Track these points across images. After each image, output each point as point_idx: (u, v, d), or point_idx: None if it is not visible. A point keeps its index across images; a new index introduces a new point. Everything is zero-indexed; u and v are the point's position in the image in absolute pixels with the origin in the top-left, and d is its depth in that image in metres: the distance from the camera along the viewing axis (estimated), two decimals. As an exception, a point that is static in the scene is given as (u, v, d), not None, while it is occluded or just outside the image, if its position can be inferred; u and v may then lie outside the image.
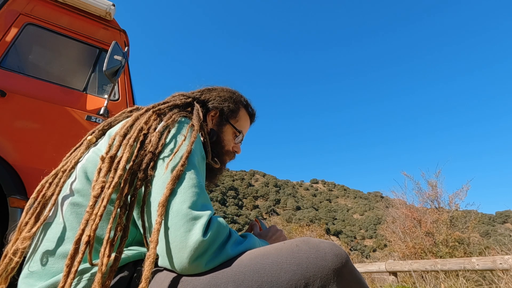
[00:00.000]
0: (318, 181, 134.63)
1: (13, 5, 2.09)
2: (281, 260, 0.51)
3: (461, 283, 4.19)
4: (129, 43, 2.56)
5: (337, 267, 0.50)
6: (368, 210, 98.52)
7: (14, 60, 2.06)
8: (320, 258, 0.50)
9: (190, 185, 0.58)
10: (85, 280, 0.56)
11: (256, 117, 1.11)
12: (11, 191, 1.64)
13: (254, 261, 0.52)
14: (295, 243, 0.55)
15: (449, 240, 6.66)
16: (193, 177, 0.60)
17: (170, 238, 0.53)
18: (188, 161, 0.62)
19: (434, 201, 7.98)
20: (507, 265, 3.23)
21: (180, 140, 0.67)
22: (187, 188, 0.57)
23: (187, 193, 0.57)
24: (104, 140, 0.74)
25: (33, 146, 1.81)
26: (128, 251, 0.64)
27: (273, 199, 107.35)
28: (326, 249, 0.52)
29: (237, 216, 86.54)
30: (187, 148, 0.64)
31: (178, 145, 0.65)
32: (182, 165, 0.60)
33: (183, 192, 0.57)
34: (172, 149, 0.65)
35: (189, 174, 0.60)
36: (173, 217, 0.54)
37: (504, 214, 77.07)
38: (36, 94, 1.92)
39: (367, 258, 16.41)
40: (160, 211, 0.54)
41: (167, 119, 0.72)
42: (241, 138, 1.02)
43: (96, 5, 2.36)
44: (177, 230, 0.52)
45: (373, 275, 6.52)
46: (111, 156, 0.62)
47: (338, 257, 0.51)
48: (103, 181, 0.58)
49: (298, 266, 0.49)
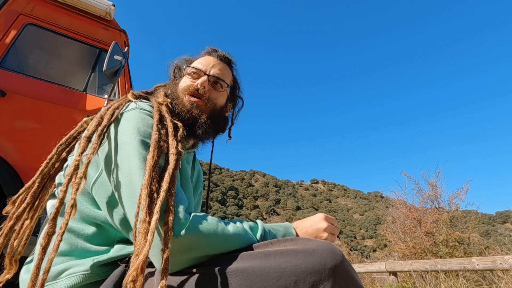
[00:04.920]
0: (318, 181, 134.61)
1: (13, 5, 2.09)
2: (270, 260, 0.51)
3: (461, 283, 4.18)
4: (129, 43, 2.56)
5: (329, 264, 0.50)
6: (368, 210, 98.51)
7: (14, 60, 2.06)
8: (309, 255, 0.51)
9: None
10: (75, 276, 0.58)
11: (215, 50, 0.94)
12: (11, 191, 1.64)
13: (242, 262, 0.53)
14: (284, 244, 0.55)
15: (449, 240, 6.65)
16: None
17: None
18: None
19: (434, 201, 7.97)
20: (507, 265, 3.23)
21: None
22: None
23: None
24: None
25: (33, 146, 1.81)
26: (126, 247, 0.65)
27: (273, 199, 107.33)
28: (315, 246, 0.52)
29: (237, 216, 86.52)
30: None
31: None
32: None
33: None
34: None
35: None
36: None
37: (504, 214, 77.08)
38: (36, 94, 1.92)
39: (367, 258, 16.41)
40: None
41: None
42: (193, 69, 0.88)
43: (96, 5, 2.36)
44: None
45: (373, 275, 6.51)
46: (86, 136, 0.63)
47: (328, 254, 0.51)
48: (78, 160, 0.59)
49: (287, 264, 0.50)
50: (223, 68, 0.92)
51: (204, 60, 0.91)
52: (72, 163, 0.58)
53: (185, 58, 0.96)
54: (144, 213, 0.49)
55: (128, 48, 2.40)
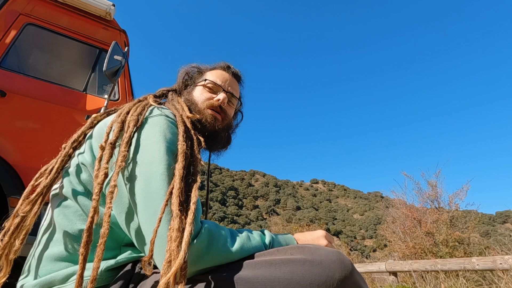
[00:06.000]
0: (318, 181, 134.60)
1: (13, 5, 2.09)
2: (275, 269, 0.50)
3: (461, 283, 4.18)
4: (129, 43, 2.56)
5: (337, 276, 0.49)
6: (368, 210, 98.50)
7: (14, 60, 2.06)
8: (317, 266, 0.50)
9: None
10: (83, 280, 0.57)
11: (229, 66, 1.00)
12: (11, 191, 1.64)
13: (246, 271, 0.52)
14: (290, 251, 0.54)
15: (449, 240, 6.65)
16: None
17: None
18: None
19: (434, 201, 7.97)
20: (507, 265, 3.23)
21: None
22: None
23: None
24: (94, 139, 0.70)
25: (33, 146, 1.81)
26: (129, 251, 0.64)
27: (273, 199, 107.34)
28: (322, 256, 0.51)
29: (237, 216, 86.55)
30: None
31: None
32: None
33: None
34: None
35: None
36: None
37: (504, 214, 77.05)
38: (36, 94, 1.92)
39: (367, 258, 16.40)
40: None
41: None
42: (211, 84, 0.92)
43: (96, 5, 2.36)
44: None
45: (373, 275, 6.51)
46: (111, 142, 0.61)
47: (337, 265, 0.50)
48: (106, 167, 0.57)
49: (292, 275, 0.49)
50: (236, 85, 0.98)
51: (220, 75, 0.95)
52: (101, 171, 0.57)
53: (196, 66, 0.99)
54: (177, 222, 0.49)
55: (128, 48, 2.41)
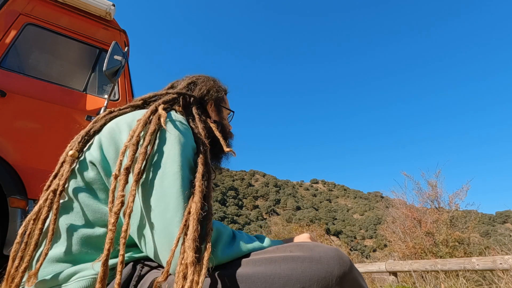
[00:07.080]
0: (318, 181, 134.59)
1: (13, 5, 2.08)
2: (275, 266, 0.51)
3: (461, 283, 4.18)
4: (129, 43, 2.56)
5: (336, 272, 0.49)
6: (368, 210, 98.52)
7: (14, 60, 2.06)
8: (316, 262, 0.50)
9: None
10: (84, 279, 0.57)
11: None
12: (11, 191, 1.64)
13: (247, 268, 0.52)
14: (289, 249, 0.54)
15: (449, 240, 6.65)
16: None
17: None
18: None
19: (434, 201, 7.97)
20: (507, 265, 3.23)
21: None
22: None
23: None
24: (104, 137, 0.68)
25: (33, 146, 1.81)
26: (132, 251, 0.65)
27: (273, 199, 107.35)
28: (321, 253, 0.51)
29: (237, 216, 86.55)
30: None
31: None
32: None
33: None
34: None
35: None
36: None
37: (504, 214, 77.05)
38: (36, 94, 1.92)
39: (367, 258, 16.41)
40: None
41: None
42: (232, 115, 1.08)
43: (96, 5, 2.36)
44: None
45: (373, 275, 6.51)
46: (126, 168, 0.59)
47: (336, 261, 0.51)
48: (122, 195, 0.56)
49: (292, 271, 0.49)
50: None
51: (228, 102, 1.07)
52: (118, 199, 0.56)
53: (224, 88, 1.04)
54: (192, 237, 0.49)
55: (128, 48, 2.41)
